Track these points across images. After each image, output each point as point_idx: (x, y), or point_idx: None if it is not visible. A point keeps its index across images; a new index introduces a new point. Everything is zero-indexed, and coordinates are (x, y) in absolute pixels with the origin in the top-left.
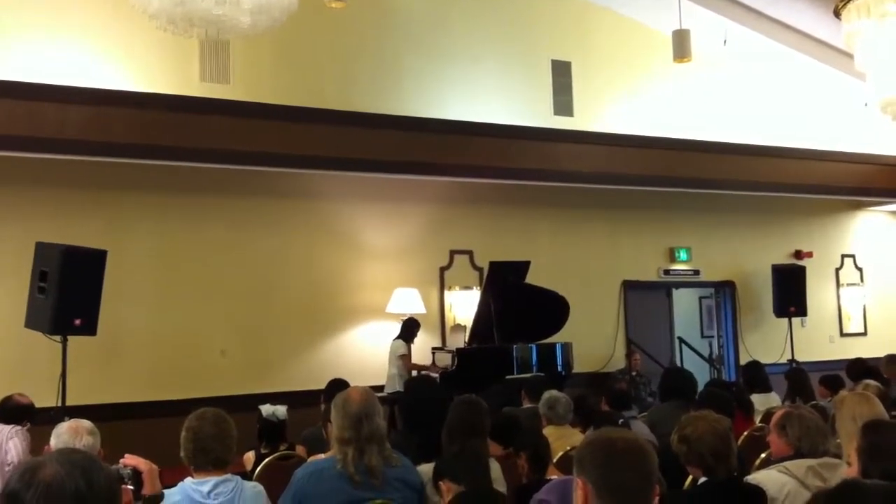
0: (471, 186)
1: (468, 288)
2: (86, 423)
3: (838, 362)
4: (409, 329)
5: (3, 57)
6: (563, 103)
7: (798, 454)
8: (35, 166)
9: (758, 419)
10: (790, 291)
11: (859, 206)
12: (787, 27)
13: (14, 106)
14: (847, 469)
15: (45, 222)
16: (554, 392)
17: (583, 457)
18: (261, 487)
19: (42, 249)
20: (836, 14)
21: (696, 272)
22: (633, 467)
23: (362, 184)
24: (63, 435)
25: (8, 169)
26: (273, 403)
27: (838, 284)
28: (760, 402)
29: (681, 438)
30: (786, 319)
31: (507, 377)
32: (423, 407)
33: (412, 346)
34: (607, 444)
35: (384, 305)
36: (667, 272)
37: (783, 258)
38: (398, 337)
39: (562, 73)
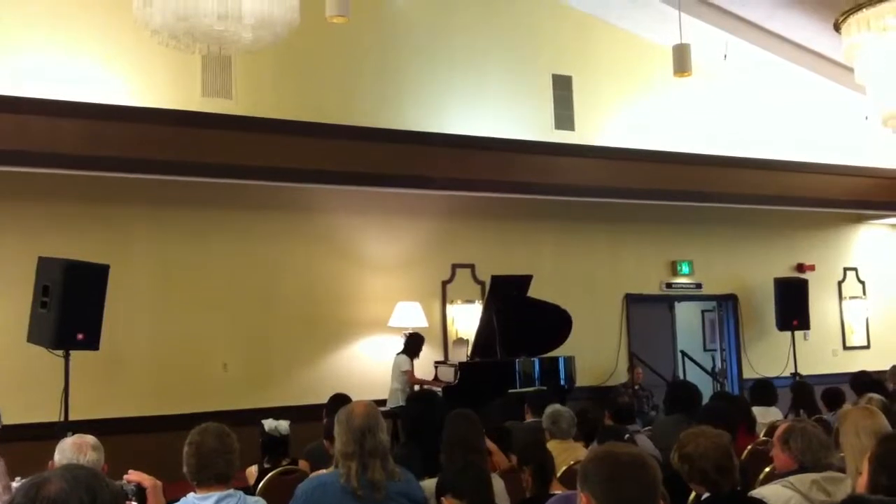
0: (472, 200)
1: (470, 301)
2: (90, 439)
3: (841, 375)
4: (413, 344)
5: (3, 71)
6: (564, 117)
7: (801, 468)
8: (36, 181)
9: (761, 433)
10: (793, 304)
11: (861, 219)
12: (788, 41)
13: (13, 120)
14: (859, 479)
15: (48, 237)
16: (557, 406)
17: (587, 471)
18: (264, 502)
19: (44, 264)
20: (837, 28)
21: (699, 285)
22: (638, 482)
23: (364, 198)
24: (67, 451)
25: (9, 184)
26: (276, 418)
27: (841, 297)
28: (761, 415)
29: (682, 457)
30: (788, 333)
31: (510, 391)
32: (425, 422)
33: (416, 360)
34: (612, 458)
35: (386, 319)
36: (669, 286)
37: (785, 271)
38: (402, 352)
39: (563, 87)
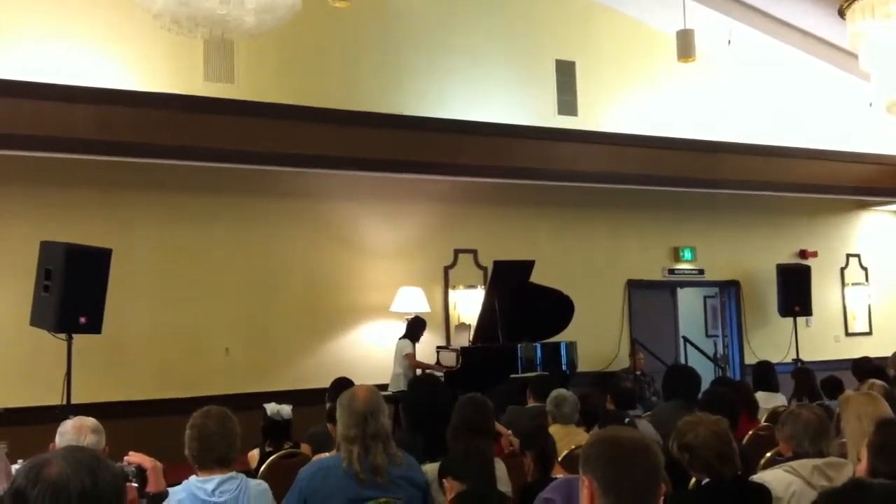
0: (475, 185)
1: (472, 287)
2: (90, 421)
3: (843, 362)
4: (415, 328)
5: (7, 56)
6: (567, 103)
7: (795, 454)
8: (40, 165)
9: (763, 418)
10: (795, 291)
11: (864, 205)
12: (792, 27)
13: (19, 105)
14: (858, 466)
15: (50, 221)
16: (562, 391)
17: (589, 455)
18: (265, 485)
19: (47, 248)
20: (841, 14)
21: (701, 271)
22: (640, 465)
23: (367, 183)
24: (67, 433)
25: (13, 168)
26: (278, 402)
27: (843, 284)
28: (765, 400)
29: (682, 446)
30: (790, 319)
31: (512, 376)
32: (427, 406)
33: (417, 344)
34: (614, 442)
35: (388, 304)
36: (671, 271)
37: (788, 258)
38: (404, 336)
39: (566, 73)
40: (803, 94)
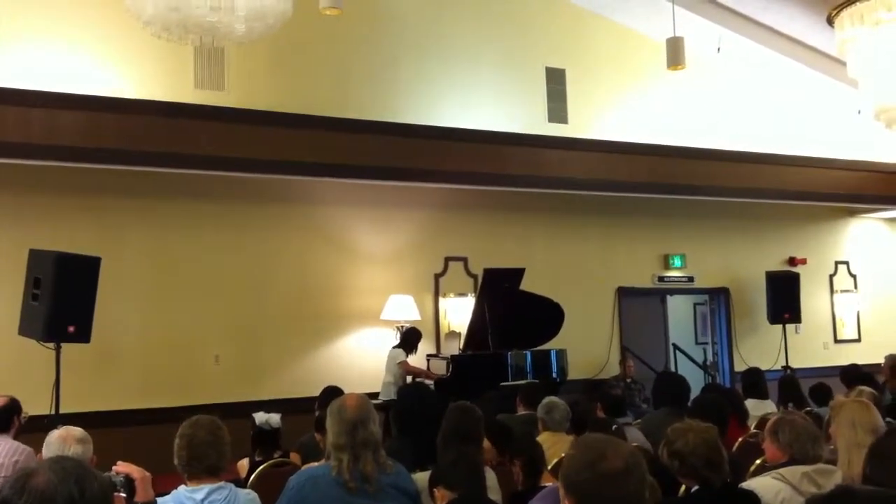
0: (465, 193)
1: (463, 295)
2: (76, 431)
3: (832, 369)
4: (409, 339)
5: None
6: (557, 110)
7: (791, 460)
8: (28, 173)
9: (752, 425)
10: (784, 298)
11: (853, 212)
12: (781, 34)
13: (7, 112)
14: (846, 472)
15: (39, 229)
16: (554, 398)
17: (571, 479)
18: (255, 495)
19: (35, 256)
20: (830, 22)
21: (691, 279)
22: (625, 489)
23: (357, 190)
24: (53, 444)
25: (1, 176)
26: (267, 411)
27: (832, 291)
28: (755, 407)
29: (671, 454)
30: (780, 326)
31: (502, 384)
32: (416, 415)
33: (412, 354)
34: (593, 464)
35: (379, 312)
36: (661, 279)
37: (777, 265)
38: (398, 346)
39: (556, 81)
40: (792, 101)
